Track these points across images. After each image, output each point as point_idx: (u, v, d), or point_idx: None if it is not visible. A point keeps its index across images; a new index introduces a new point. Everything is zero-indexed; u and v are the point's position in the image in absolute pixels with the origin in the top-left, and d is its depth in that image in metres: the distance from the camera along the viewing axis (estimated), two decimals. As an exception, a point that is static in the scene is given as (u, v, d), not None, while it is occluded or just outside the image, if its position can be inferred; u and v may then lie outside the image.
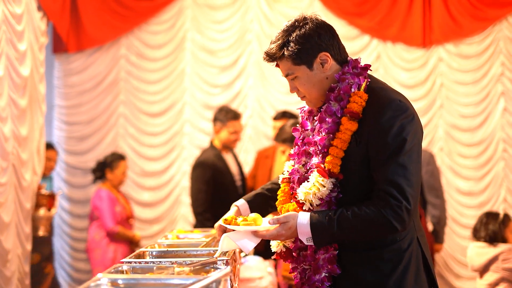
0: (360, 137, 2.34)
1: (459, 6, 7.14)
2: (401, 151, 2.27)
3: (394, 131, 2.28)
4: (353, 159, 2.35)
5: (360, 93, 2.37)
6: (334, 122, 2.39)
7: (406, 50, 7.32)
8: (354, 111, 2.35)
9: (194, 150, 7.37)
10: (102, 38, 7.32)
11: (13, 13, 5.39)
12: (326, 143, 2.38)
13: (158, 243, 3.09)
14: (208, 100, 7.44)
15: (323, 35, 2.43)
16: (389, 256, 2.36)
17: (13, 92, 5.34)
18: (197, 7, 7.45)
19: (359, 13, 7.29)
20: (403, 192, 2.26)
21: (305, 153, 2.52)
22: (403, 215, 2.26)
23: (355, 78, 2.41)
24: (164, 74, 7.45)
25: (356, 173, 2.36)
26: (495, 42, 7.22)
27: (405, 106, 2.33)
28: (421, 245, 2.44)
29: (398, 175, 2.26)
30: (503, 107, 7.20)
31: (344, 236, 2.31)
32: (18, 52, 5.49)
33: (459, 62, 7.30)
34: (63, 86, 7.40)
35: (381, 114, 2.30)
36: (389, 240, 2.36)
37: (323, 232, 2.30)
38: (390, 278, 2.35)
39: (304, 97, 2.50)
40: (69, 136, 7.41)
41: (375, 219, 2.26)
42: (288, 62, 2.43)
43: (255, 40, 7.38)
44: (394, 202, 2.25)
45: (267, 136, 7.23)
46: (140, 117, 7.44)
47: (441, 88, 7.30)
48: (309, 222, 2.31)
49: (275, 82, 7.30)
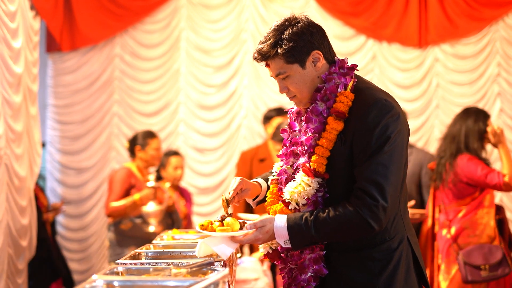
0: (346, 136, 2.35)
1: (455, 6, 7.19)
2: (382, 150, 2.29)
3: (378, 130, 2.29)
4: (338, 158, 2.36)
5: (346, 93, 2.38)
6: (321, 122, 2.40)
7: (402, 50, 7.37)
8: (340, 110, 2.36)
9: (189, 150, 7.41)
10: (96, 37, 7.33)
11: (6, 11, 5.37)
12: (312, 143, 2.40)
13: (153, 244, 3.05)
14: (203, 100, 7.47)
15: (315, 34, 2.43)
16: (378, 256, 2.37)
17: (7, 89, 5.32)
18: (192, 6, 7.47)
19: (354, 13, 7.32)
20: (381, 190, 2.27)
21: (292, 154, 2.53)
22: (379, 214, 2.27)
23: (341, 78, 2.42)
24: (158, 73, 7.48)
25: (342, 172, 2.37)
26: (491, 42, 7.28)
27: (391, 105, 2.34)
28: (411, 244, 2.45)
29: (377, 173, 2.28)
30: (500, 107, 7.26)
31: (321, 237, 2.33)
32: (12, 50, 5.48)
33: (455, 62, 7.35)
34: (57, 85, 7.40)
35: (367, 113, 2.32)
36: (378, 240, 2.37)
37: (300, 234, 2.31)
38: (380, 278, 2.36)
39: (294, 96, 2.49)
40: (63, 136, 7.41)
41: (352, 219, 2.28)
42: (280, 60, 2.42)
43: (250, 39, 7.41)
44: (370, 201, 2.26)
45: (262, 136, 7.24)
46: (135, 116, 7.46)
47: (437, 88, 7.36)
48: (286, 224, 2.32)
49: (270, 81, 7.30)
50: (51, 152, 7.39)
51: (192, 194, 6.58)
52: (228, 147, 7.44)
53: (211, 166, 7.45)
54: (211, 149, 7.47)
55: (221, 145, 7.46)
